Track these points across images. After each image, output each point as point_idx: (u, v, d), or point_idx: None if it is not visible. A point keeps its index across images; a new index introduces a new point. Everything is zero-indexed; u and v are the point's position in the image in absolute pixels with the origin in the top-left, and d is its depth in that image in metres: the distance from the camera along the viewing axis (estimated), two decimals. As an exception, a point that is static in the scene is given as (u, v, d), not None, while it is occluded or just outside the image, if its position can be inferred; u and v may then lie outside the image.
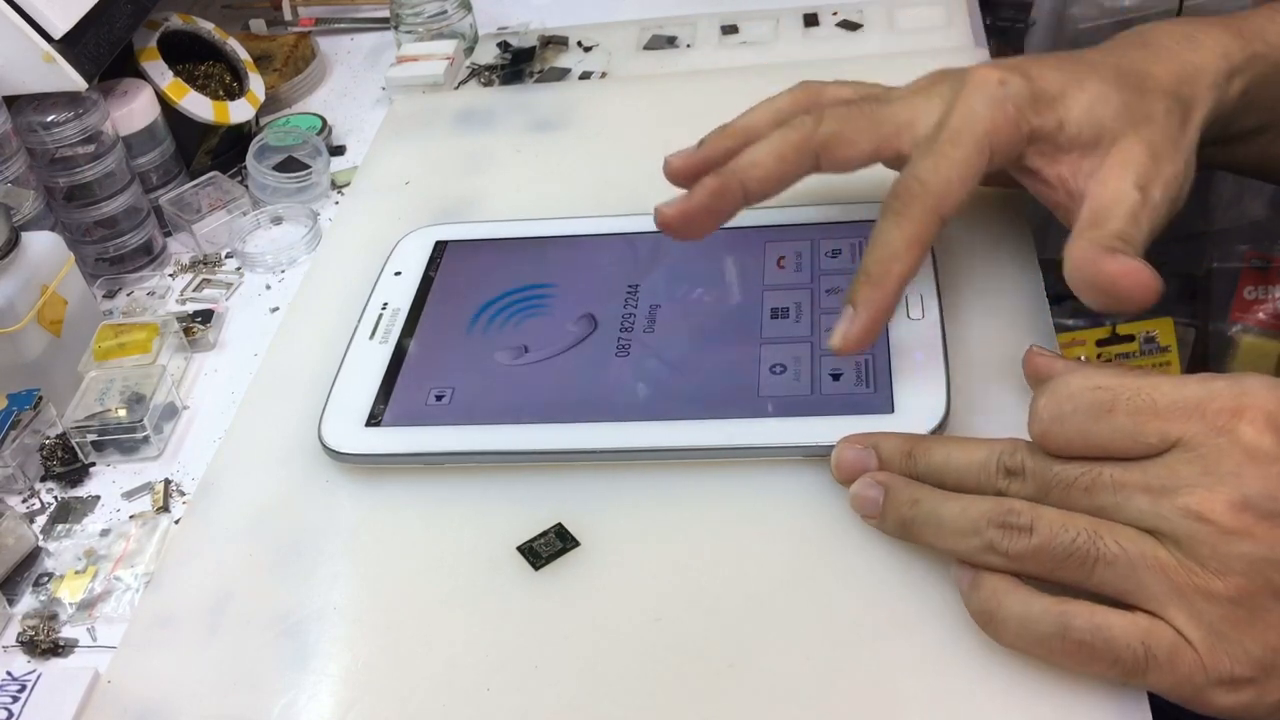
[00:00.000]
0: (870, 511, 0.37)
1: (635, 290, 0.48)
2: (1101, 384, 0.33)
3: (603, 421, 0.42)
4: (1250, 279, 1.03)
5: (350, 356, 0.47)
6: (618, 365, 0.44)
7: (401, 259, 0.52)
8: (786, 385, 0.42)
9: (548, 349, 0.46)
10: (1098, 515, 0.32)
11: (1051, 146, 0.41)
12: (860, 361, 0.42)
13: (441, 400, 0.44)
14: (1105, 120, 0.40)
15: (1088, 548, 0.31)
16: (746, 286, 0.47)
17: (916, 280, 0.41)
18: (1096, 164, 0.40)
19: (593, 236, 0.51)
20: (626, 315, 0.46)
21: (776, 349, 0.44)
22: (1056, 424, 0.33)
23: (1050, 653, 0.32)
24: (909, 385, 0.41)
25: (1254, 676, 0.30)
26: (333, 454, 0.43)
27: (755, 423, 0.41)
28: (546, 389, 0.44)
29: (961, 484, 0.36)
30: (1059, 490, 0.33)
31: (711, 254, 0.49)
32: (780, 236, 0.49)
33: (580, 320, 0.47)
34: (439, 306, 0.49)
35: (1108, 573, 0.31)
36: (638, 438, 0.42)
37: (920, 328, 0.43)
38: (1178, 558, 0.30)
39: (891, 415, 0.40)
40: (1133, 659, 0.31)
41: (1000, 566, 0.33)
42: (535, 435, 0.42)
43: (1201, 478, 0.30)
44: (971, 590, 0.34)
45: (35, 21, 0.54)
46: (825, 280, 0.46)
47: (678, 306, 0.47)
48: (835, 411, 0.41)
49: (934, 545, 0.35)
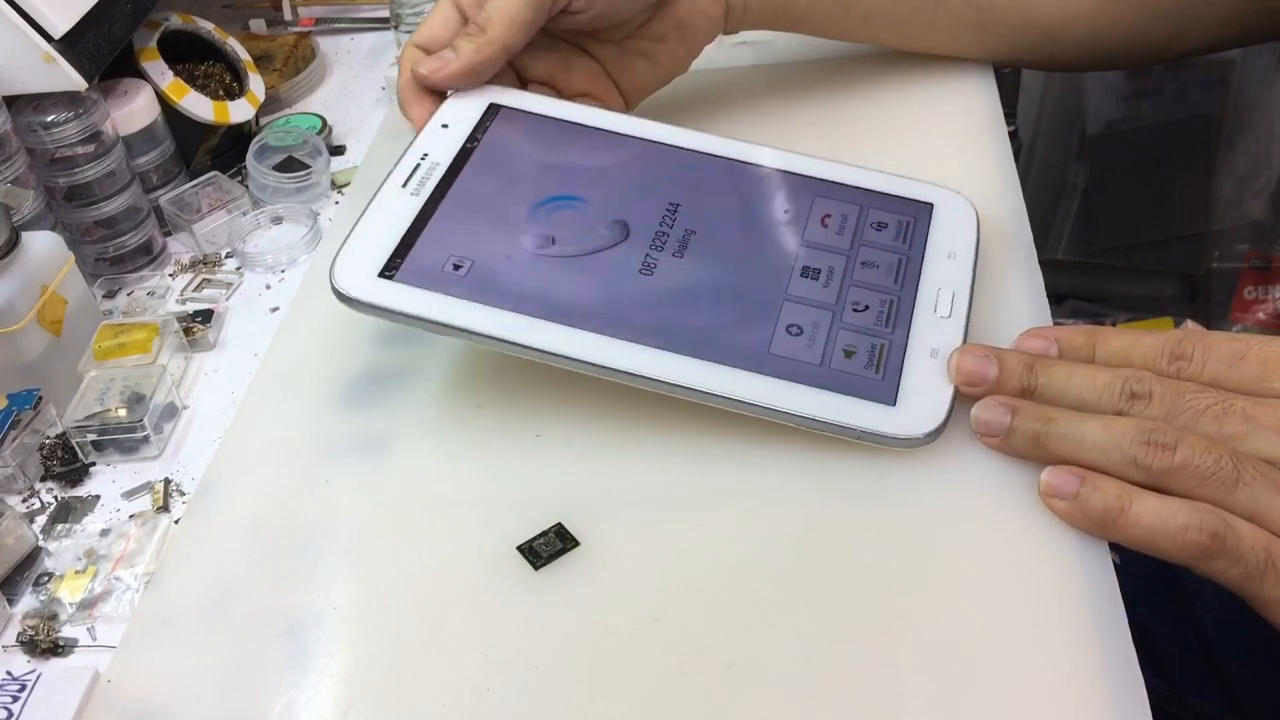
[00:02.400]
0: (993, 432, 0.39)
1: (675, 210, 0.46)
2: (1236, 337, 0.37)
3: (607, 336, 0.41)
4: (1250, 279, 1.03)
5: (378, 201, 0.45)
6: (638, 282, 0.43)
7: (451, 113, 0.49)
8: (798, 349, 0.41)
9: (574, 247, 0.44)
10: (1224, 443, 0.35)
11: None
12: (876, 345, 0.42)
13: (459, 270, 0.43)
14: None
15: (1229, 469, 0.34)
16: (786, 237, 0.45)
17: (951, 278, 0.43)
18: None
19: (647, 141, 0.49)
20: (660, 234, 0.45)
21: (798, 309, 0.43)
22: (1193, 363, 0.37)
23: (1180, 546, 0.34)
24: (917, 382, 0.41)
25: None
26: (340, 297, 0.42)
27: (756, 379, 0.40)
28: (562, 287, 0.43)
29: (1082, 404, 0.38)
30: (1188, 415, 0.36)
31: (761, 192, 0.47)
32: (831, 194, 0.47)
33: (613, 225, 0.45)
34: (477, 172, 0.47)
35: (1243, 494, 0.34)
36: (637, 362, 0.41)
37: (944, 327, 0.42)
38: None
39: (891, 408, 0.40)
40: (1256, 563, 0.34)
41: (1140, 481, 0.35)
42: (539, 332, 0.41)
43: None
44: (1092, 491, 0.36)
45: (35, 21, 0.54)
46: (864, 252, 0.45)
47: (712, 237, 0.45)
48: (838, 389, 0.40)
49: (1069, 458, 0.37)
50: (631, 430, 0.43)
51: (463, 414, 0.46)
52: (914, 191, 0.47)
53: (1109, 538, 0.36)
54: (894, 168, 0.48)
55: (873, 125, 0.56)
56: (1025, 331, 0.41)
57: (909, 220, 0.46)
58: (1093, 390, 0.38)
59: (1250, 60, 1.06)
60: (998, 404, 0.39)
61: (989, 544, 0.37)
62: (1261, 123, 1.06)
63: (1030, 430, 0.38)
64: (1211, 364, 0.37)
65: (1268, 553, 0.34)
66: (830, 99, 0.59)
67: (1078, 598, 0.35)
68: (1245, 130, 1.07)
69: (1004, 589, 0.36)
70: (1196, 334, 0.38)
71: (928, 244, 0.45)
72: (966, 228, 0.46)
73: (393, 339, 0.50)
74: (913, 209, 0.46)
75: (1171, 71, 1.08)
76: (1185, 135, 1.09)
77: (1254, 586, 0.34)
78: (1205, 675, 0.55)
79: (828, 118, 0.58)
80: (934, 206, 0.47)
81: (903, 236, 0.45)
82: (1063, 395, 0.38)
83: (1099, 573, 0.36)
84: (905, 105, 0.57)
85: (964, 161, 0.53)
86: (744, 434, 0.42)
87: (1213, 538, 0.34)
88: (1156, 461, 0.35)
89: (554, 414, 0.45)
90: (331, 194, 0.64)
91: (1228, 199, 1.06)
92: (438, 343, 0.49)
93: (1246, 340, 0.37)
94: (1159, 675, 0.55)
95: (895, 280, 0.44)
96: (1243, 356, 0.37)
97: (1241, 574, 0.34)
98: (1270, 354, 0.36)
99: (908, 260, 0.45)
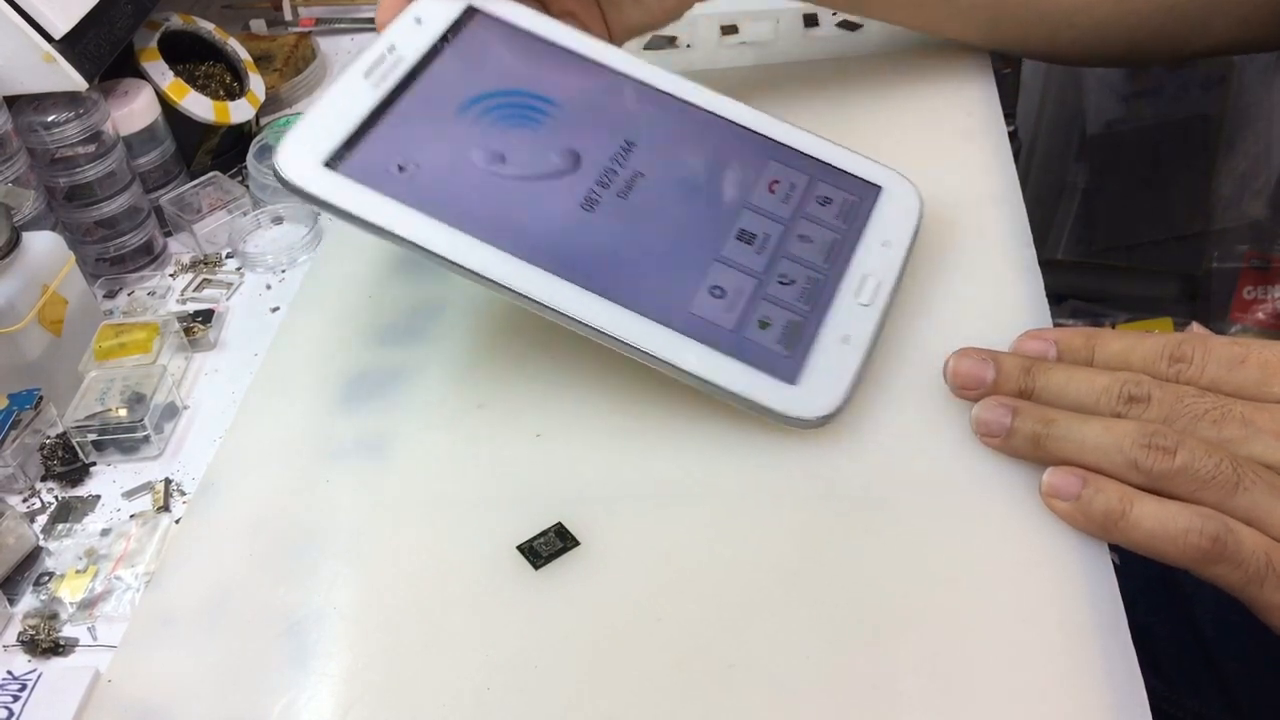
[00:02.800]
0: (994, 432, 0.39)
1: (630, 149, 0.45)
2: (1236, 340, 0.37)
3: (536, 266, 0.41)
4: (1250, 279, 1.03)
5: (338, 87, 0.43)
6: (577, 217, 0.42)
7: (426, 8, 0.47)
8: (716, 312, 0.41)
9: (522, 169, 0.43)
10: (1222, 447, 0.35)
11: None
12: (792, 321, 0.41)
13: (403, 173, 0.42)
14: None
15: (1229, 474, 0.34)
16: (731, 196, 0.44)
17: (880, 266, 0.43)
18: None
19: (618, 74, 0.47)
20: (609, 170, 0.44)
21: (726, 272, 0.42)
22: (1193, 366, 0.37)
23: (1181, 550, 0.34)
24: (821, 364, 0.40)
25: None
26: (281, 181, 0.41)
27: (669, 334, 0.40)
28: (500, 209, 0.42)
29: (1080, 406, 0.38)
30: (1186, 420, 0.36)
31: (718, 146, 0.46)
32: (785, 159, 0.46)
33: (566, 154, 0.44)
34: (442, 74, 0.45)
35: (1243, 498, 0.34)
36: (558, 297, 0.40)
37: (861, 315, 0.42)
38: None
39: (791, 387, 0.40)
40: (1256, 567, 0.33)
41: (1139, 484, 0.35)
42: (468, 251, 0.40)
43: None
44: (1094, 493, 0.36)
45: (36, 22, 0.54)
46: (803, 224, 0.44)
47: (659, 184, 0.44)
48: (744, 359, 0.40)
49: (1069, 460, 0.37)
50: (631, 430, 0.43)
51: (463, 414, 0.46)
52: (866, 171, 0.46)
53: (1110, 540, 0.36)
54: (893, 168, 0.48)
55: (873, 125, 0.56)
56: (1024, 333, 0.41)
57: (854, 200, 0.45)
58: (1091, 393, 0.38)
59: (1250, 60, 1.06)
60: (998, 404, 0.39)
61: (989, 544, 0.37)
62: (1261, 123, 1.06)
63: (1031, 431, 0.38)
64: (1211, 367, 0.37)
65: (1268, 557, 0.34)
66: (830, 99, 0.59)
67: (1078, 598, 0.35)
68: (1245, 130, 1.07)
69: (1004, 589, 0.36)
70: (1196, 337, 0.38)
71: (866, 227, 0.45)
72: (908, 217, 0.45)
73: (393, 339, 0.50)
74: (860, 189, 0.46)
75: (1171, 71, 1.08)
76: (1185, 135, 1.09)
77: (1254, 591, 0.34)
78: (1204, 675, 0.55)
79: (828, 118, 0.58)
80: (881, 190, 0.46)
81: (844, 216, 0.45)
82: (1060, 398, 0.38)
83: (1099, 573, 0.36)
84: (905, 105, 0.58)
85: (964, 161, 0.53)
86: (744, 434, 0.42)
87: (1214, 542, 0.34)
88: (1157, 465, 0.35)
89: (554, 414, 0.45)
90: (332, 194, 0.64)
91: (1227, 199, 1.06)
92: (438, 342, 0.49)
93: (1247, 344, 0.37)
94: (1158, 675, 0.55)
95: (826, 259, 0.43)
96: (1243, 360, 0.37)
97: (1242, 578, 0.34)
98: (1270, 358, 0.36)
99: (843, 241, 0.44)
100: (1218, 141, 1.09)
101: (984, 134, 0.55)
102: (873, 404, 0.42)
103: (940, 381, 0.41)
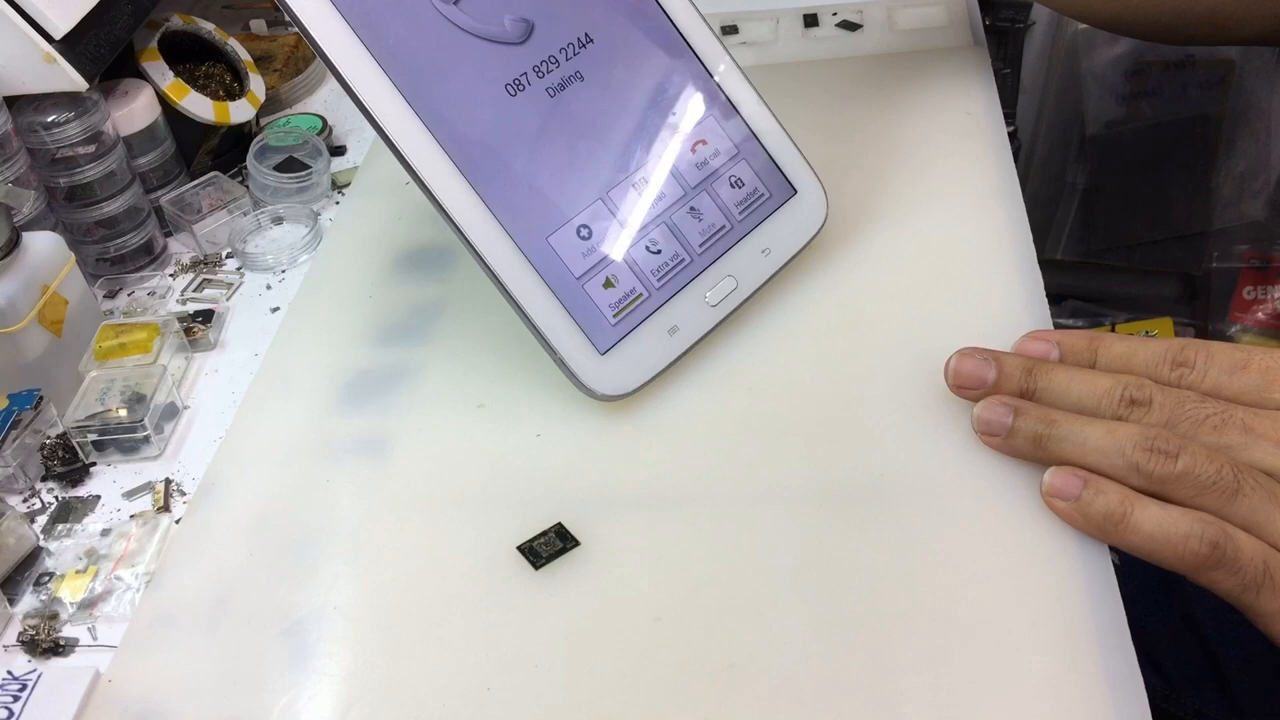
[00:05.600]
0: (995, 431, 0.39)
1: (584, 44, 0.42)
2: (1238, 346, 0.37)
3: (425, 126, 0.38)
4: (1250, 279, 1.03)
5: None
6: (494, 96, 0.40)
7: None
8: (573, 253, 0.40)
9: (470, 20, 0.40)
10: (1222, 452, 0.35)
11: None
12: (635, 293, 0.40)
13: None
14: None
15: (1229, 479, 0.34)
16: (651, 138, 0.42)
17: (747, 273, 0.43)
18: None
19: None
20: (552, 59, 0.41)
21: (602, 216, 0.41)
22: (1195, 371, 0.37)
23: (1180, 555, 0.34)
24: (636, 347, 0.40)
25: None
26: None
27: (514, 253, 0.39)
28: (428, 53, 0.39)
29: (1081, 408, 0.38)
30: (1187, 425, 0.36)
31: (669, 78, 0.43)
32: (724, 120, 0.44)
33: (519, 22, 0.41)
34: None
35: (1243, 504, 0.34)
36: (428, 165, 0.38)
37: (700, 314, 0.41)
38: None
39: (599, 356, 0.40)
40: (1254, 574, 0.33)
41: (1139, 487, 0.35)
42: (380, 93, 0.38)
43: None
44: (1094, 495, 0.36)
45: (36, 22, 0.54)
46: (702, 199, 0.42)
47: (591, 95, 0.41)
48: (572, 310, 0.40)
49: (1070, 461, 0.37)
50: (631, 430, 0.43)
51: (463, 414, 0.46)
52: (793, 170, 0.45)
53: (1109, 542, 0.36)
54: (893, 168, 0.48)
55: (873, 125, 0.57)
56: (1027, 334, 0.41)
57: (764, 195, 0.44)
58: (1092, 396, 0.38)
59: (1250, 60, 1.06)
60: (1000, 404, 0.39)
61: (989, 544, 0.37)
62: (1261, 123, 1.06)
63: (1032, 431, 0.38)
64: (1213, 372, 0.37)
65: (1266, 565, 0.34)
66: (830, 99, 0.59)
67: (1078, 598, 0.35)
68: (1245, 130, 1.07)
69: (1004, 589, 0.36)
70: (1199, 342, 0.38)
71: (758, 228, 0.43)
72: (802, 233, 0.44)
73: (393, 339, 0.50)
74: (777, 185, 0.44)
75: (1171, 71, 1.08)
76: (1185, 135, 1.09)
77: (1250, 599, 0.34)
78: (1204, 675, 0.55)
79: (828, 118, 0.58)
80: (795, 195, 0.45)
81: (746, 206, 0.43)
82: (1062, 400, 0.38)
83: (1099, 573, 0.36)
84: (905, 105, 0.58)
85: (964, 161, 0.53)
86: (744, 434, 0.42)
87: (1213, 548, 0.33)
88: (1158, 468, 0.35)
89: (554, 414, 0.45)
90: (332, 194, 0.64)
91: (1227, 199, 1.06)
92: (438, 342, 0.49)
93: (1249, 350, 0.37)
94: (1158, 675, 0.55)
95: (703, 243, 0.42)
96: (1244, 366, 0.37)
97: (1239, 585, 0.34)
98: (1272, 364, 0.36)
99: (729, 232, 0.43)
100: (1217, 141, 1.09)
101: (984, 134, 0.55)
102: (873, 404, 0.42)
103: (940, 381, 0.41)
